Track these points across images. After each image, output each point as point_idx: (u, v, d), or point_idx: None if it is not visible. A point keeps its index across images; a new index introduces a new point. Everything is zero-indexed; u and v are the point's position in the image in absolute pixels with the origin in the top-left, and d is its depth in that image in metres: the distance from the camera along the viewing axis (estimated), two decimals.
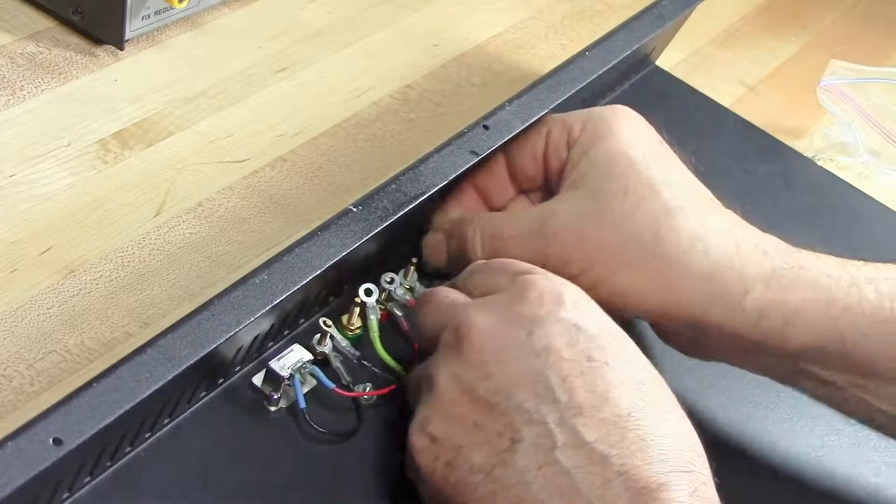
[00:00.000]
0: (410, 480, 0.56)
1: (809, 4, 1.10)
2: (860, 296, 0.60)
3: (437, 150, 0.65)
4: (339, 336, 0.62)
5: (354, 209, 0.60)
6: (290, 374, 0.59)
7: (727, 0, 1.06)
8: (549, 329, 0.54)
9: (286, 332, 0.61)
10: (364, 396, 0.60)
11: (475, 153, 0.65)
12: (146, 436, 0.55)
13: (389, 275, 0.65)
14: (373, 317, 0.62)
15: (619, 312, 0.59)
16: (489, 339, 0.54)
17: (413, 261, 0.66)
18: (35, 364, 0.58)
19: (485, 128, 0.66)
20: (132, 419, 0.51)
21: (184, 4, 0.76)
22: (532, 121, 0.68)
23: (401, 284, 0.65)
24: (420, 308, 0.60)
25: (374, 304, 0.63)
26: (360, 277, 0.64)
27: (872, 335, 0.59)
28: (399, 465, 0.57)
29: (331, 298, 0.64)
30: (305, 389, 0.59)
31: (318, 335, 0.61)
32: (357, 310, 0.63)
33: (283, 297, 0.55)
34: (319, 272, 0.57)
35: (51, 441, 0.46)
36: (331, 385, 0.59)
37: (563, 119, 0.66)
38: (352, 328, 0.63)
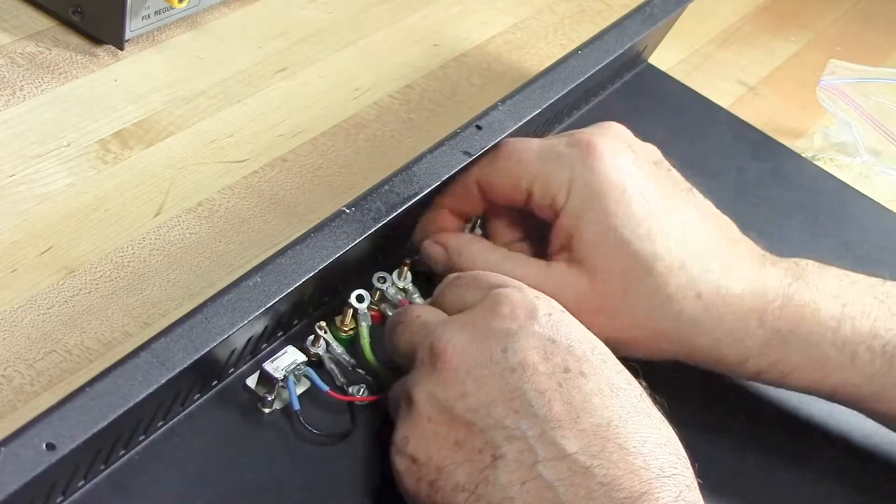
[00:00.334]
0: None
1: (809, 4, 1.09)
2: (853, 356, 0.61)
3: (430, 151, 0.65)
4: (335, 343, 0.62)
5: (347, 210, 0.60)
6: (284, 376, 0.59)
7: (727, 0, 1.06)
8: (524, 343, 0.54)
9: (280, 334, 0.61)
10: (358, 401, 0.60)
11: (468, 153, 0.65)
12: (140, 439, 0.55)
13: (381, 274, 0.65)
14: (364, 324, 0.62)
15: None
16: (464, 357, 0.54)
17: (406, 261, 0.66)
18: (35, 364, 0.59)
19: (477, 128, 0.66)
20: (126, 423, 0.51)
21: (184, 4, 0.76)
22: (525, 120, 0.68)
23: (393, 284, 0.65)
24: (392, 329, 0.60)
25: (366, 311, 0.63)
26: (354, 278, 0.64)
27: (863, 385, 0.62)
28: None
29: (325, 299, 0.64)
30: (299, 391, 0.59)
31: (312, 336, 0.61)
32: (350, 311, 0.63)
33: (277, 300, 0.55)
34: (313, 274, 0.57)
35: (44, 446, 0.46)
36: (325, 387, 0.59)
37: (546, 179, 0.62)
38: (345, 329, 0.63)
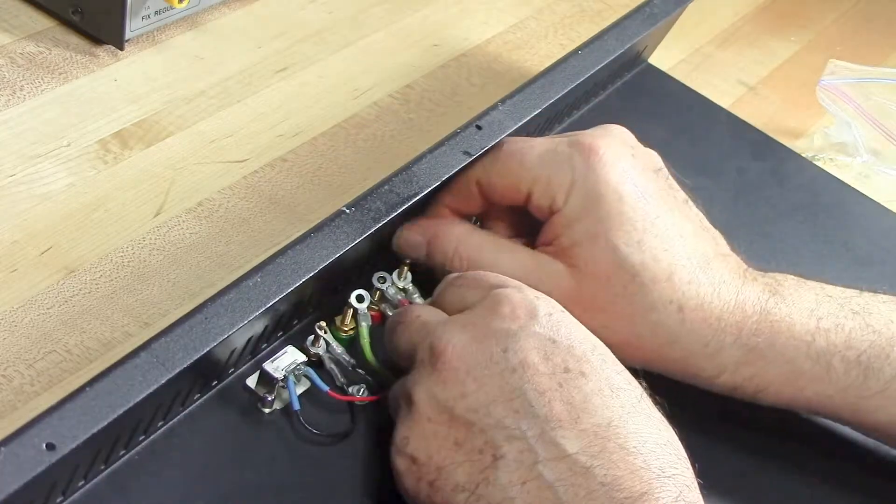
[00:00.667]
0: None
1: (809, 4, 1.09)
2: (828, 367, 0.62)
3: (430, 151, 0.65)
4: (335, 343, 0.62)
5: (347, 210, 0.60)
6: (284, 376, 0.59)
7: (727, 0, 1.06)
8: (524, 343, 0.54)
9: (280, 334, 0.61)
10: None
11: (468, 153, 0.65)
12: (140, 439, 0.55)
13: (381, 274, 0.65)
14: (364, 324, 0.62)
15: None
16: (464, 357, 0.54)
17: (407, 261, 0.66)
18: (35, 364, 0.59)
19: (477, 128, 0.66)
20: (126, 423, 0.51)
21: (184, 4, 0.76)
22: (525, 120, 0.68)
23: (393, 284, 0.65)
24: (392, 329, 0.60)
25: (366, 311, 0.63)
26: (354, 278, 0.64)
27: (836, 396, 0.62)
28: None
29: (324, 299, 0.63)
30: (299, 391, 0.59)
31: (312, 336, 0.61)
32: (350, 311, 0.62)
33: (277, 300, 0.55)
34: (313, 274, 0.57)
35: (44, 446, 0.46)
36: (325, 387, 0.59)
37: (547, 181, 0.63)
38: (345, 329, 0.63)
